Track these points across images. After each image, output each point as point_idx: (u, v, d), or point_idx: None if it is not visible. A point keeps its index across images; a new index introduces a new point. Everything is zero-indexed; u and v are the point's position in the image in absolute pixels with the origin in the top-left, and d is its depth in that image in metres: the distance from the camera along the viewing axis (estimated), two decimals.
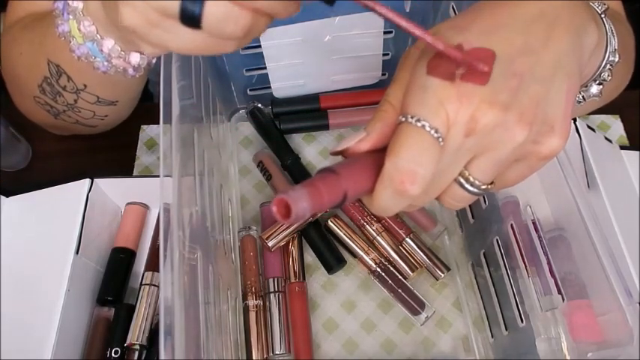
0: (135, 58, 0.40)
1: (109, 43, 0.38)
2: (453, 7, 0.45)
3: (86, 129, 0.52)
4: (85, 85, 0.44)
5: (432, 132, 0.24)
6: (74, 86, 0.45)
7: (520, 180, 0.29)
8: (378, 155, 0.26)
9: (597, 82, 0.33)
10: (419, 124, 0.24)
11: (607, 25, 0.31)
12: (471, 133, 0.25)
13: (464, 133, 0.25)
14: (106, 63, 0.40)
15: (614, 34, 0.31)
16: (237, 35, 0.28)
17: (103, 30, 0.38)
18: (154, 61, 0.42)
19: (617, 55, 0.32)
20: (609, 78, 0.32)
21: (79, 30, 0.38)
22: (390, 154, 0.25)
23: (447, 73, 0.25)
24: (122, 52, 0.39)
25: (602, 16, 0.31)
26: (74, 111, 0.48)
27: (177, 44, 0.30)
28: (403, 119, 0.25)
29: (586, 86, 0.34)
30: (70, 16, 0.38)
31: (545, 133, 0.26)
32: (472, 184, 0.27)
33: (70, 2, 0.38)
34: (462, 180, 0.27)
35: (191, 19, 0.27)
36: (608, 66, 0.32)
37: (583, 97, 0.34)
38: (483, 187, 0.27)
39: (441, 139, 0.24)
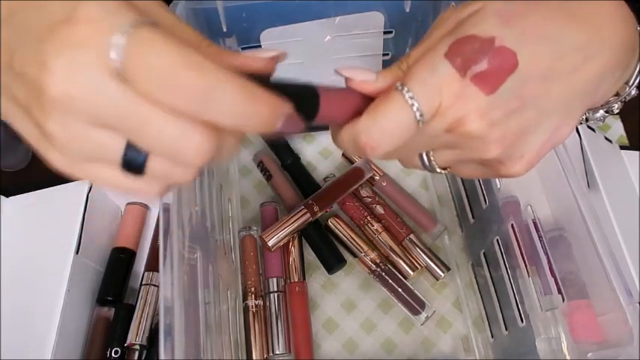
0: None
1: None
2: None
3: None
4: None
5: (417, 114, 0.24)
6: None
7: (472, 177, 0.29)
8: (364, 99, 0.26)
9: (605, 109, 0.32)
10: (409, 101, 0.24)
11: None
12: (451, 130, 0.25)
13: (445, 128, 0.25)
14: None
15: None
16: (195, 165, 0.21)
17: None
18: None
19: (634, 90, 0.31)
20: (617, 110, 0.32)
21: None
22: (369, 113, 0.25)
23: (463, 65, 0.24)
24: None
25: None
26: None
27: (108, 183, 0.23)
28: (399, 88, 0.24)
29: (593, 110, 0.33)
30: None
31: (514, 159, 0.26)
32: (429, 163, 0.28)
33: None
34: (423, 155, 0.28)
35: (134, 168, 0.22)
36: (622, 98, 0.31)
37: (586, 117, 0.33)
38: (438, 169, 0.28)
39: (421, 123, 0.24)
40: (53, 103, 0.19)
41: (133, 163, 0.21)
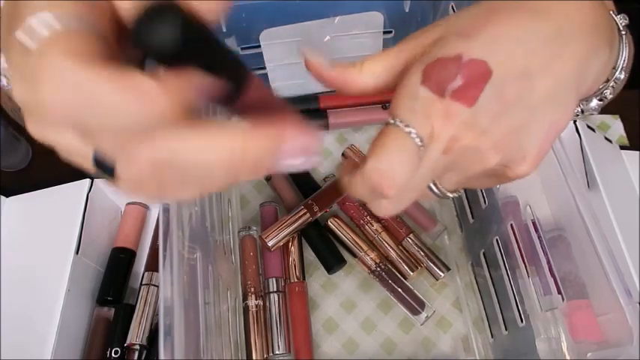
0: None
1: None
2: (452, 7, 0.45)
3: None
4: None
5: (417, 140, 0.24)
6: None
7: (488, 187, 0.29)
8: (284, 110, 0.26)
9: (598, 97, 0.32)
10: (406, 129, 0.24)
11: (623, 42, 0.30)
12: (448, 151, 0.25)
13: (443, 150, 0.25)
14: None
15: (627, 50, 0.30)
16: None
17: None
18: None
19: (623, 73, 0.31)
20: (611, 96, 0.32)
21: None
22: (373, 153, 0.25)
23: (439, 87, 0.24)
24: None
25: (623, 32, 0.30)
26: None
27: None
28: (392, 122, 0.25)
29: (586, 100, 0.33)
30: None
31: (517, 161, 0.26)
32: (440, 190, 0.28)
33: None
34: (431, 185, 0.28)
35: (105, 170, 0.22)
36: (612, 83, 0.31)
37: (582, 109, 0.33)
38: (449, 194, 0.28)
39: (422, 149, 0.25)
40: None
41: (103, 166, 0.21)
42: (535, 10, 0.25)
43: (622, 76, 0.30)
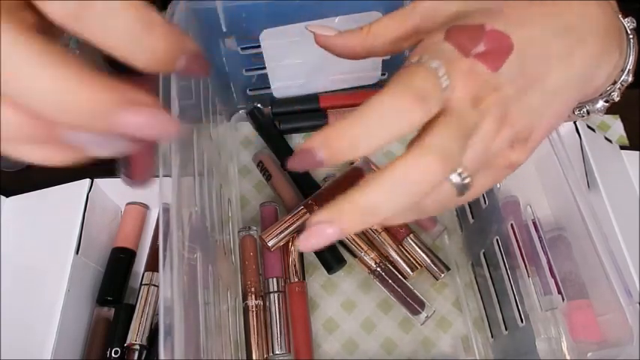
0: None
1: None
2: None
3: None
4: None
5: (443, 79, 0.23)
6: None
7: (481, 191, 0.28)
8: None
9: (605, 99, 0.32)
10: (433, 64, 0.23)
11: (631, 45, 0.30)
12: (476, 103, 0.24)
13: (471, 98, 0.24)
14: None
15: (634, 52, 0.30)
16: None
17: None
18: None
19: (630, 75, 0.31)
20: (617, 98, 0.32)
21: None
22: (395, 82, 0.22)
23: (464, 47, 0.24)
24: None
25: (631, 36, 0.30)
26: None
27: None
28: (414, 60, 0.23)
29: (592, 101, 0.33)
30: None
31: (521, 142, 0.26)
32: (461, 178, 0.25)
33: None
34: (453, 176, 0.25)
35: None
36: (619, 86, 0.31)
37: (587, 110, 0.33)
38: (467, 178, 0.25)
39: (447, 89, 0.23)
40: None
41: None
42: (555, 5, 0.26)
43: (629, 79, 0.31)
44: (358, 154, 0.23)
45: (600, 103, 0.32)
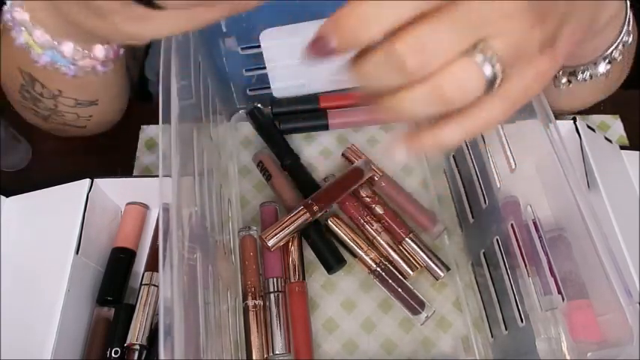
0: (99, 51, 0.38)
1: (68, 48, 0.37)
2: None
3: (77, 130, 0.52)
4: (60, 91, 0.43)
5: None
6: (50, 92, 0.43)
7: (508, 97, 0.25)
8: None
9: (607, 60, 0.32)
10: None
11: (627, 4, 0.31)
12: None
13: None
14: (72, 67, 0.38)
15: (632, 14, 0.31)
16: None
17: (57, 35, 0.36)
18: (121, 51, 0.41)
19: (630, 36, 0.31)
20: (619, 57, 0.32)
21: (35, 41, 0.36)
22: None
23: None
24: (85, 52, 0.37)
25: None
26: (58, 115, 0.48)
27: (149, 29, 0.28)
28: None
29: (595, 63, 0.33)
30: (22, 28, 0.36)
31: (547, 46, 0.25)
32: (486, 57, 0.23)
33: (15, 15, 0.36)
34: (476, 53, 0.23)
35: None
36: (620, 45, 0.31)
37: (590, 75, 0.33)
38: (497, 66, 0.23)
39: None
40: None
41: None
42: None
43: (629, 40, 0.31)
44: (370, 34, 0.22)
45: (602, 65, 0.32)
